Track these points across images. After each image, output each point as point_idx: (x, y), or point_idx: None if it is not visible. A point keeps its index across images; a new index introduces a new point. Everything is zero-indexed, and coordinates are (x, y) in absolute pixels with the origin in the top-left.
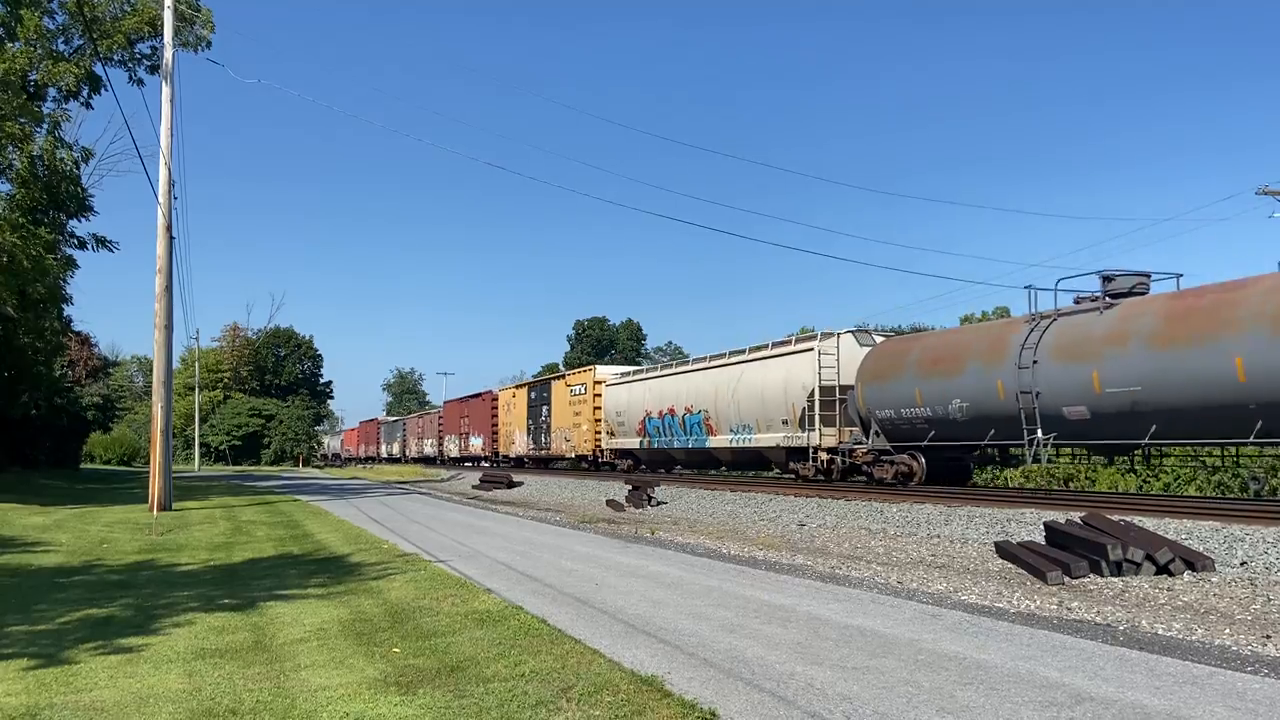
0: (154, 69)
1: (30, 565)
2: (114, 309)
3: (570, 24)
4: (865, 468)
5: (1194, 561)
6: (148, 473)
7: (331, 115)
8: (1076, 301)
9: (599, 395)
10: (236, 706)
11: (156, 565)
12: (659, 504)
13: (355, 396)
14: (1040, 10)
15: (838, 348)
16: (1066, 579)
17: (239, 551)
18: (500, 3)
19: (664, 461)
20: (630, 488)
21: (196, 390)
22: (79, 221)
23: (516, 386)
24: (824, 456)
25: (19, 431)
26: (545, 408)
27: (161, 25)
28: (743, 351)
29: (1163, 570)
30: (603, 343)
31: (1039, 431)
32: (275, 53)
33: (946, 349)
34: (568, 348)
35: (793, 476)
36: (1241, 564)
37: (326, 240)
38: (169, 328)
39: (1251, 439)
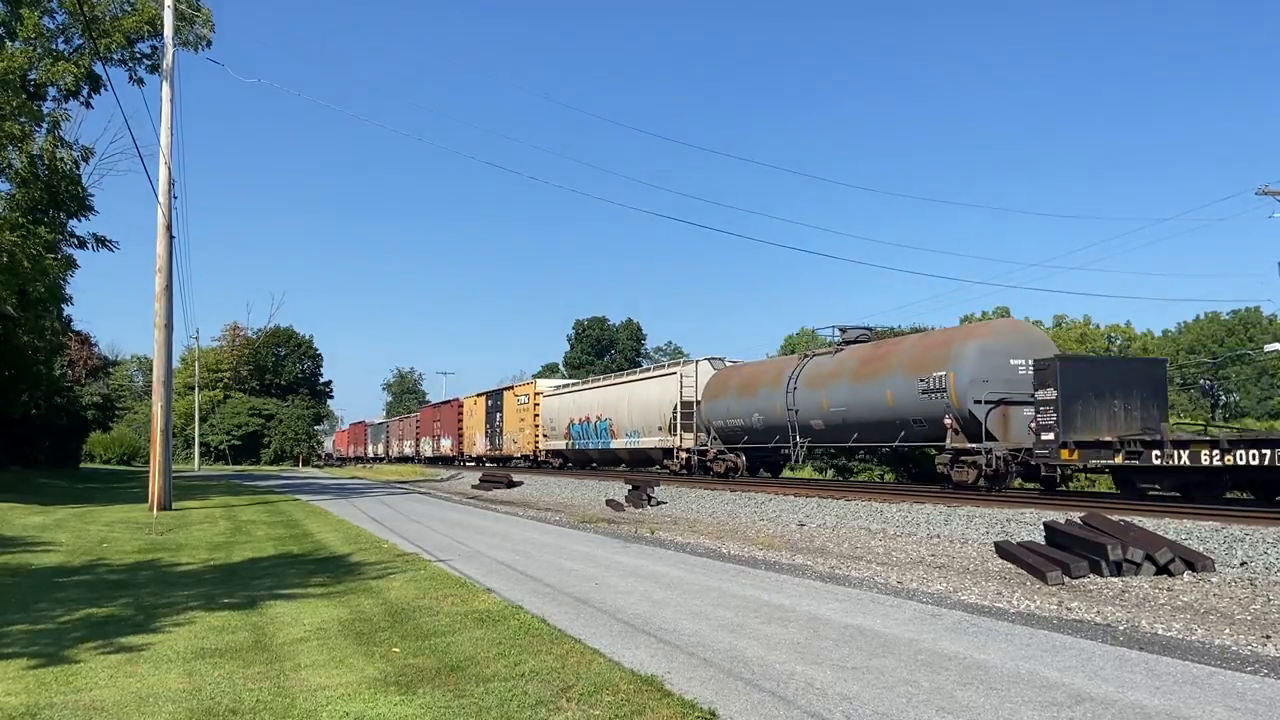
0: (154, 68)
1: (30, 565)
2: (114, 308)
3: (570, 23)
4: (708, 463)
5: (1194, 561)
6: (147, 472)
7: (331, 115)
8: (829, 344)
9: (538, 405)
10: (236, 706)
11: (156, 565)
12: (658, 504)
13: (355, 396)
14: (1040, 10)
15: (695, 372)
16: (1066, 579)
17: (239, 551)
18: (500, 2)
19: (584, 460)
20: (630, 487)
21: (196, 390)
22: (79, 221)
23: (477, 396)
24: (683, 455)
25: (18, 431)
26: (499, 414)
27: (161, 24)
28: (634, 372)
29: (1163, 570)
30: (602, 342)
31: (797, 437)
32: (275, 52)
33: (752, 376)
34: (568, 347)
35: (667, 471)
36: (1241, 564)
37: (326, 240)
38: (169, 327)
39: (897, 441)
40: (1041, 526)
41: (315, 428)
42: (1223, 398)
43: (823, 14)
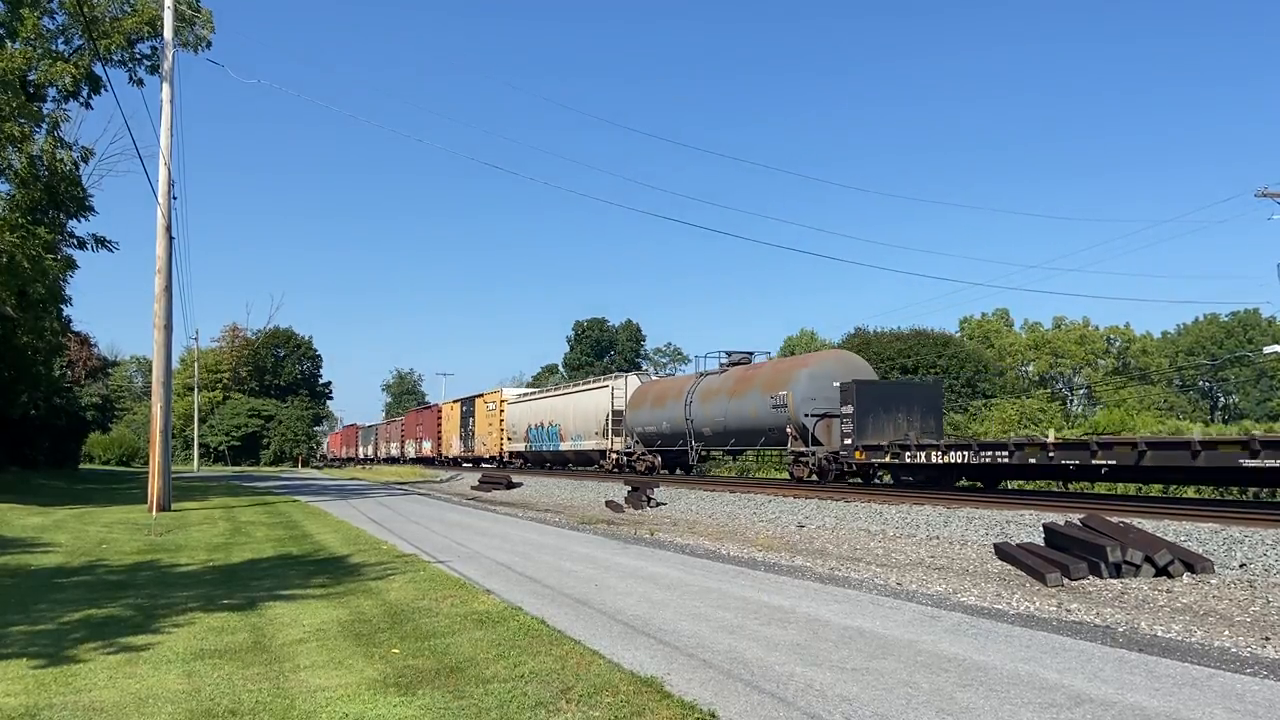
0: (154, 69)
1: (29, 566)
2: (113, 309)
3: (568, 23)
4: (633, 463)
5: (1193, 563)
6: (147, 473)
7: (331, 115)
8: (719, 365)
9: (503, 411)
10: (236, 707)
11: (156, 566)
12: (658, 505)
13: (355, 397)
14: (1039, 11)
15: (625, 385)
16: (1066, 581)
17: (238, 552)
18: (498, 2)
19: (540, 460)
20: (630, 489)
21: (196, 391)
22: (78, 221)
23: (453, 402)
24: (614, 456)
25: (18, 432)
26: (471, 419)
27: (161, 25)
28: (578, 384)
29: (1162, 572)
30: (602, 343)
31: (693, 441)
32: (274, 53)
33: (663, 391)
34: (567, 348)
35: (603, 469)
36: (1241, 566)
37: (326, 241)
38: (168, 328)
39: (759, 445)
40: (1041, 528)
41: (315, 429)
42: (1221, 399)
43: (821, 15)
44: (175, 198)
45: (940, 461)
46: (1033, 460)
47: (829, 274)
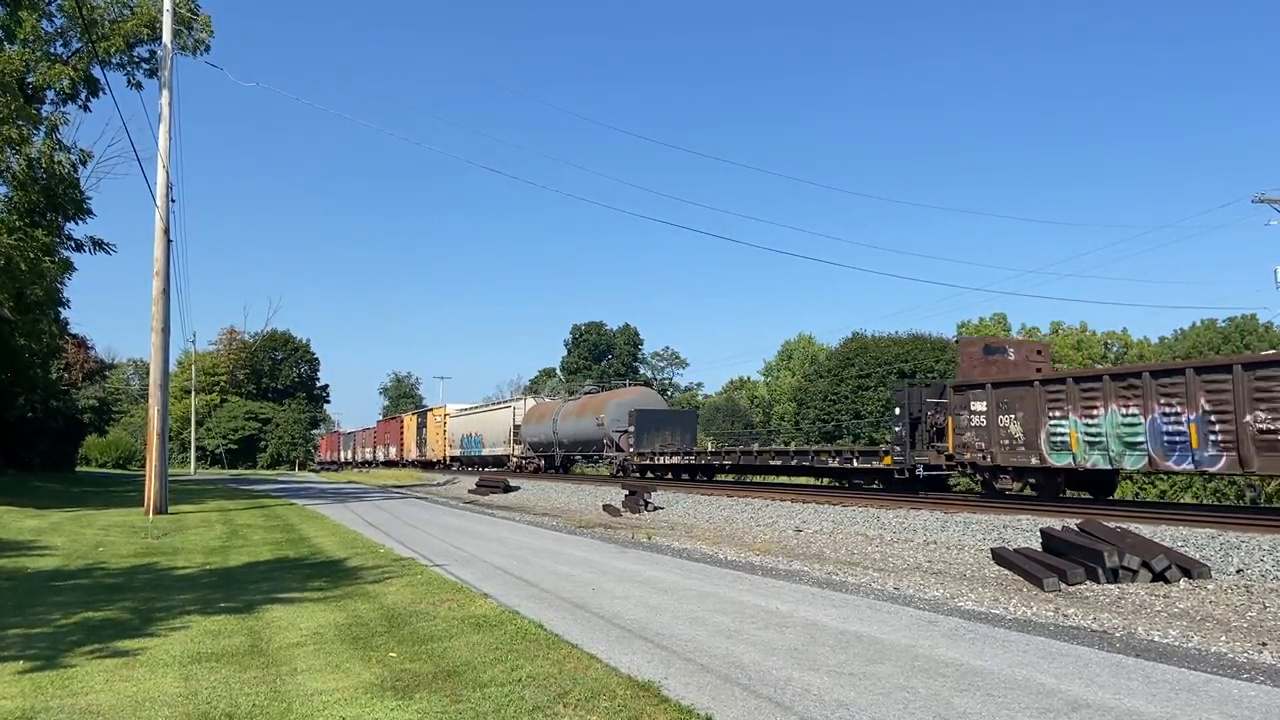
0: (152, 73)
1: (26, 568)
2: (111, 312)
3: (566, 27)
4: (525, 464)
5: (1190, 568)
6: (143, 476)
7: (329, 118)
8: (586, 390)
9: (446, 424)
10: (233, 710)
11: (152, 569)
12: (655, 509)
13: (352, 400)
14: (1038, 17)
15: (524, 405)
16: (1063, 585)
17: (235, 555)
18: (496, 6)
19: (470, 462)
20: (627, 492)
21: (193, 393)
22: (76, 224)
23: (412, 414)
24: (515, 459)
25: (14, 434)
26: (424, 429)
27: (160, 29)
28: (493, 404)
29: (1159, 577)
30: (599, 347)
31: (557, 449)
32: (273, 56)
33: (544, 411)
34: (565, 352)
35: (509, 468)
36: (1237, 571)
37: (324, 244)
38: (166, 331)
39: (593, 452)
40: (1038, 533)
41: (312, 432)
42: None
43: (820, 19)
44: (173, 200)
45: (668, 463)
46: (726, 461)
47: (827, 278)
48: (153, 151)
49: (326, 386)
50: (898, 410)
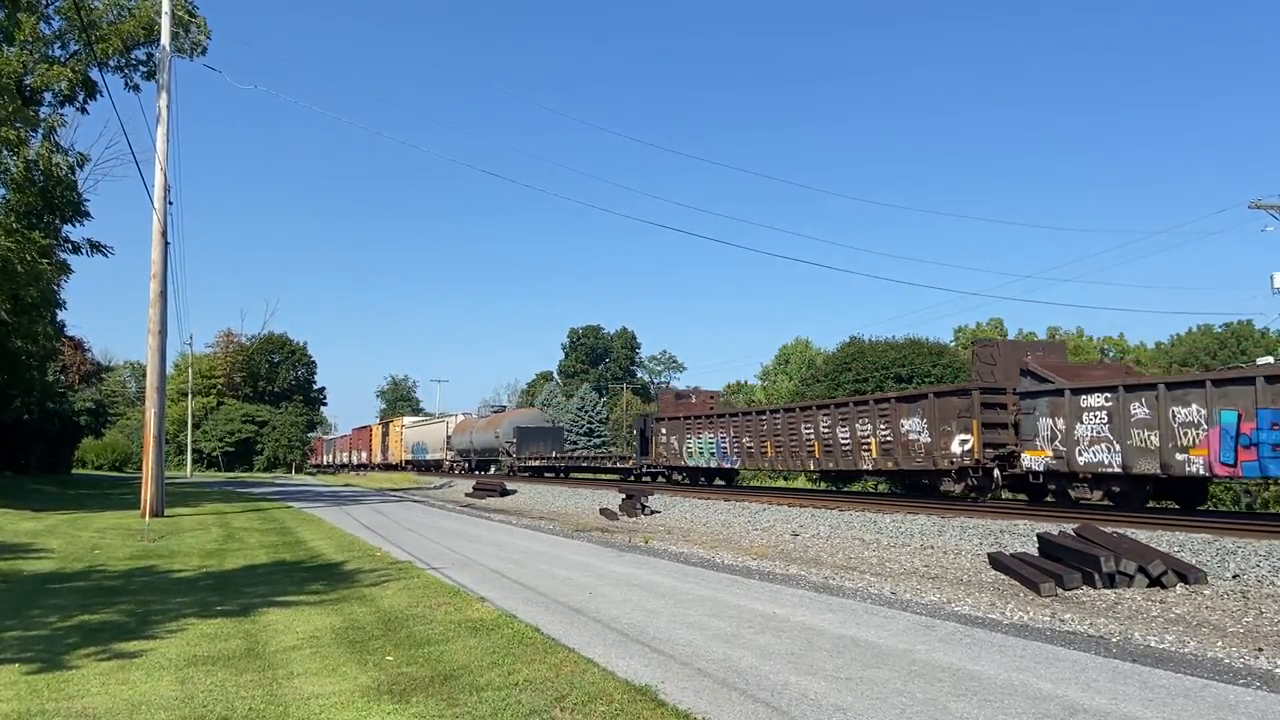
0: (150, 75)
1: (22, 571)
2: (107, 314)
3: (563, 30)
4: (452, 466)
5: (1186, 574)
6: (140, 478)
7: (327, 121)
8: (490, 412)
9: (402, 433)
10: (229, 714)
11: (149, 571)
12: (652, 513)
13: (349, 403)
14: (1035, 24)
15: (456, 420)
16: (1060, 590)
17: (232, 558)
18: (494, 9)
19: (418, 465)
20: (624, 496)
21: (190, 396)
22: (73, 226)
23: (378, 424)
24: (448, 463)
25: (11, 436)
26: (387, 437)
27: (158, 31)
28: (433, 419)
29: (1155, 582)
30: (597, 350)
31: (472, 455)
32: (271, 58)
33: (466, 425)
34: (562, 355)
35: (446, 470)
36: (1234, 576)
37: (321, 247)
38: (163, 333)
39: (495, 458)
40: (1034, 538)
41: (309, 434)
42: None
43: (820, 24)
44: (171, 203)
45: (534, 465)
46: (579, 463)
47: (825, 283)
48: (150, 154)
49: (323, 389)
50: (635, 431)
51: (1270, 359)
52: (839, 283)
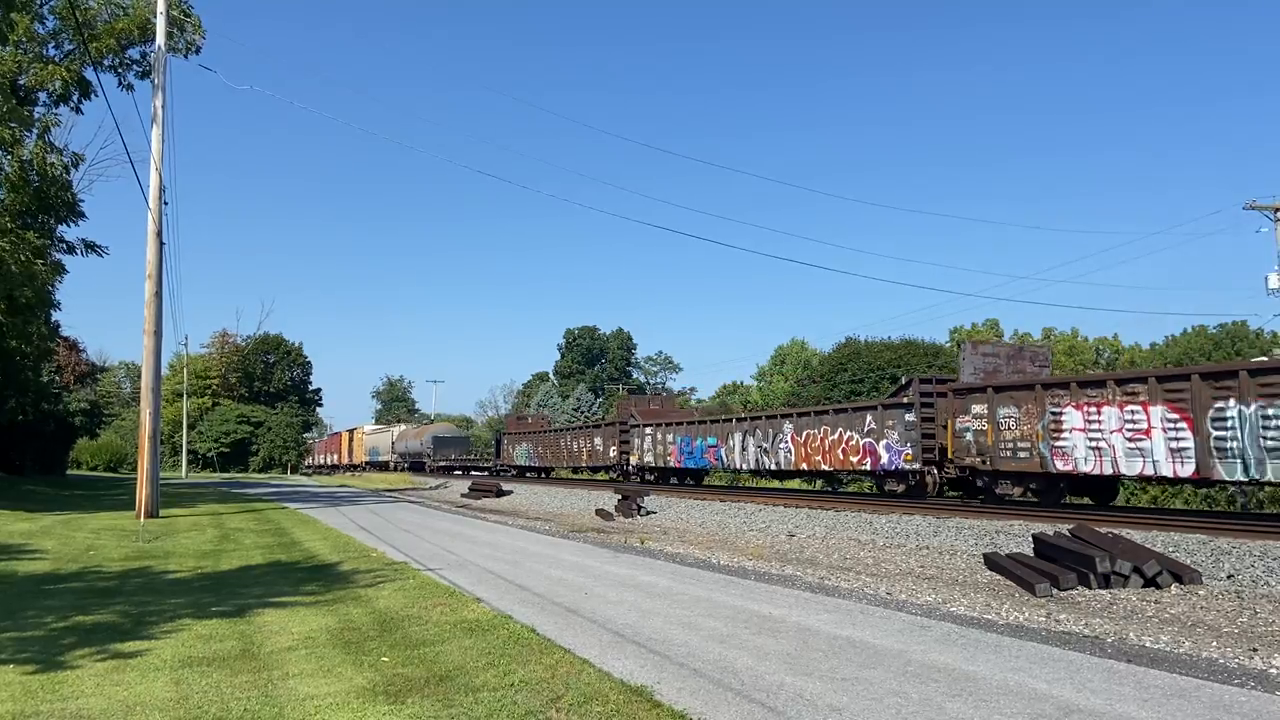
0: (144, 74)
1: (17, 572)
2: (102, 314)
3: (561, 32)
4: (398, 466)
5: (1181, 574)
6: (135, 479)
7: (323, 122)
8: (425, 423)
9: (363, 439)
10: (224, 715)
11: (144, 572)
12: (648, 513)
13: (345, 404)
14: (1034, 27)
15: (401, 429)
16: (1055, 591)
17: (227, 559)
18: (490, 11)
19: (374, 465)
20: (620, 497)
21: (185, 397)
22: (68, 226)
23: (347, 431)
24: (391, 464)
25: (5, 437)
26: (351, 442)
27: (152, 30)
28: (382, 428)
29: (1150, 583)
30: (593, 351)
31: (410, 458)
32: (267, 59)
33: (405, 434)
34: (558, 356)
35: (391, 469)
36: (1228, 577)
37: (318, 247)
38: (158, 334)
39: (426, 460)
40: (1030, 538)
41: (304, 435)
42: None
43: (819, 28)
44: (166, 203)
45: (448, 464)
46: (481, 466)
47: (821, 284)
48: (145, 154)
49: (319, 390)
50: (494, 441)
51: (1265, 360)
52: (836, 284)
